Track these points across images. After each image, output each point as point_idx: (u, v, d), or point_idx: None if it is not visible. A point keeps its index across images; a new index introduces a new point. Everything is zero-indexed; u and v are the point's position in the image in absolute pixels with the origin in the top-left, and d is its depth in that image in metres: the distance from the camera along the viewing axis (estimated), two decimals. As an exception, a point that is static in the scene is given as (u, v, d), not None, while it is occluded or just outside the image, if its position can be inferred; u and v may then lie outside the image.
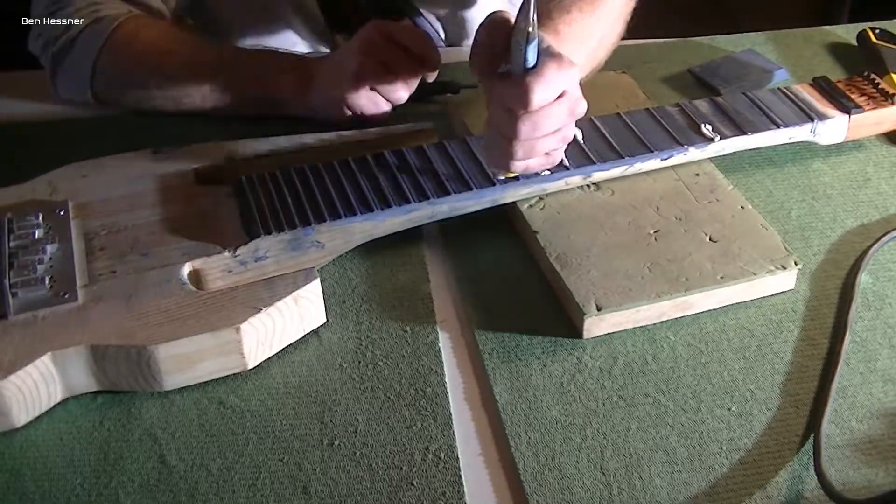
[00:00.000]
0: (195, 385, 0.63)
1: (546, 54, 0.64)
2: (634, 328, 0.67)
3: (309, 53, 1.00)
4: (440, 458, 0.59)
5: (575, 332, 0.67)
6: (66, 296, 0.63)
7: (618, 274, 0.68)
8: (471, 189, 0.71)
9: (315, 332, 0.67)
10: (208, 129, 0.88)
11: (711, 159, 0.79)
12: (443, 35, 1.06)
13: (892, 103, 0.83)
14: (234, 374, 0.64)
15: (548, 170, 0.73)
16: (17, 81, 0.98)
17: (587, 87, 0.90)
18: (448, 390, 0.63)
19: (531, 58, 0.63)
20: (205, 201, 0.71)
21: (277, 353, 0.65)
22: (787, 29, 1.06)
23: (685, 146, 0.76)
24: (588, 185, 0.76)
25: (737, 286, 0.68)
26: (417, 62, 0.82)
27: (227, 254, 0.67)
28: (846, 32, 1.04)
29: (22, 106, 0.93)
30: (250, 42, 1.00)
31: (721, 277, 0.68)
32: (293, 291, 0.64)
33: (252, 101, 0.87)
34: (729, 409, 0.62)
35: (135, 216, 0.70)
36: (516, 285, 0.71)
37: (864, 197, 0.80)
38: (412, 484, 0.57)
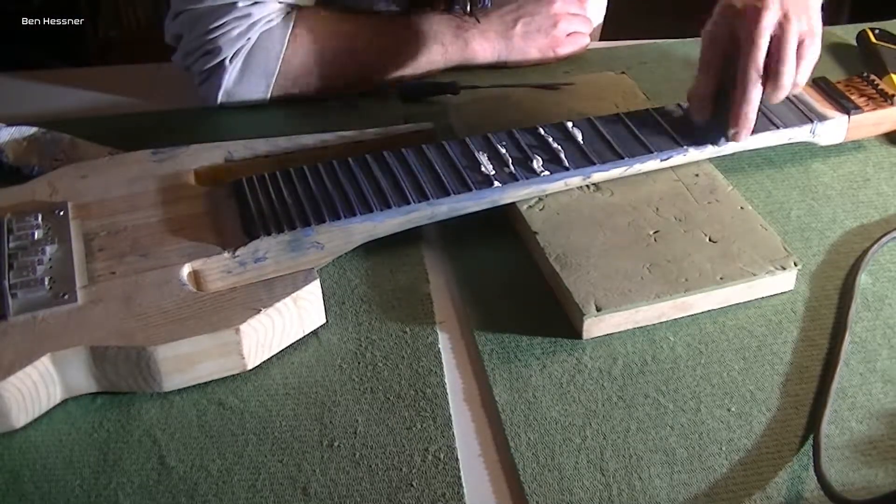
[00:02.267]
0: (195, 386, 0.63)
1: None
2: (634, 329, 0.67)
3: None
4: (440, 459, 0.59)
5: (574, 332, 0.67)
6: (66, 297, 0.63)
7: (617, 275, 0.68)
8: (470, 190, 0.71)
9: (314, 333, 0.67)
10: (208, 129, 0.89)
11: (711, 160, 0.79)
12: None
13: (892, 104, 0.83)
14: (234, 375, 0.64)
15: (546, 171, 0.73)
16: (16, 82, 0.98)
17: (586, 87, 0.91)
18: (448, 391, 0.63)
19: None
20: (204, 202, 0.71)
21: (277, 354, 0.65)
22: (786, 29, 1.05)
23: (685, 147, 0.76)
24: (588, 186, 0.76)
25: (736, 287, 0.68)
26: None
27: (226, 255, 0.67)
28: (846, 33, 1.04)
29: (22, 107, 0.93)
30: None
31: (720, 278, 0.68)
32: (293, 292, 0.64)
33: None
34: (728, 410, 0.62)
35: (134, 217, 0.70)
36: (516, 286, 0.71)
37: (864, 197, 0.80)
38: (412, 485, 0.57)
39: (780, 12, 0.71)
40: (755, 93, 0.72)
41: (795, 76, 0.73)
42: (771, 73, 0.72)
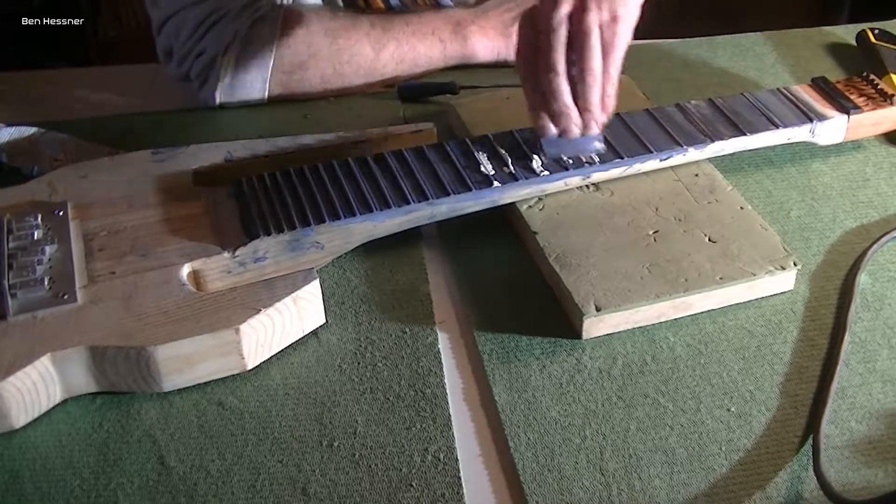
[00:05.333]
0: (194, 386, 0.63)
1: None
2: (633, 329, 0.67)
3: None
4: (439, 460, 0.59)
5: (574, 332, 0.67)
6: (66, 297, 0.63)
7: (617, 275, 0.68)
8: (470, 190, 0.71)
9: (314, 333, 0.67)
10: (208, 129, 0.89)
11: (711, 160, 0.79)
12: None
13: (891, 104, 0.83)
14: (234, 376, 0.64)
15: (546, 171, 0.73)
16: (16, 82, 0.98)
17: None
18: (447, 391, 0.63)
19: None
20: (204, 202, 0.71)
21: (276, 354, 0.65)
22: (786, 29, 1.06)
23: (684, 146, 0.76)
24: (587, 186, 0.76)
25: (736, 287, 0.68)
26: None
27: (226, 255, 0.67)
28: (845, 33, 1.04)
29: (22, 107, 0.93)
30: None
31: (720, 278, 0.68)
32: (292, 292, 0.64)
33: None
34: (728, 410, 0.62)
35: (134, 217, 0.70)
36: (516, 286, 0.71)
37: (864, 197, 0.80)
38: (411, 485, 0.57)
39: (572, 4, 0.69)
40: (562, 86, 0.70)
41: (605, 63, 0.70)
42: (577, 64, 0.70)
